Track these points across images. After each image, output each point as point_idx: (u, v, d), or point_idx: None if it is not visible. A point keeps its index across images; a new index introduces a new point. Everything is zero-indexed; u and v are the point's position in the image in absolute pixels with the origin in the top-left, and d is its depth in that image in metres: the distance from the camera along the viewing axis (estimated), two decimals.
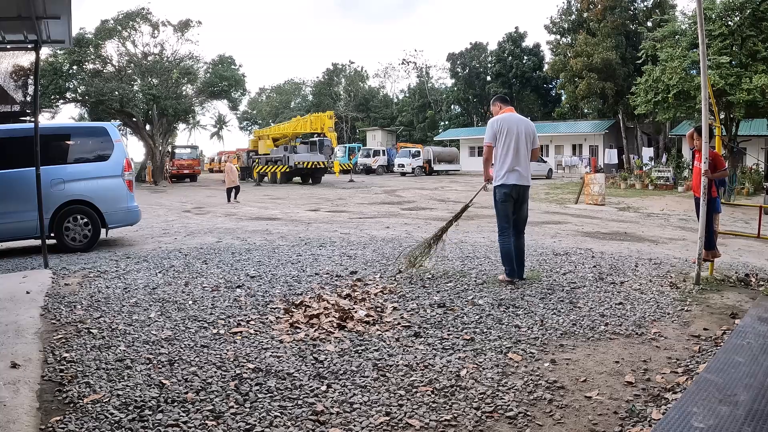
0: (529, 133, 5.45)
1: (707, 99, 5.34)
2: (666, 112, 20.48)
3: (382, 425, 2.66)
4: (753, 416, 2.59)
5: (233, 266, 6.25)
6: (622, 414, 2.75)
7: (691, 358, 3.46)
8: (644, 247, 7.98)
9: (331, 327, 4.04)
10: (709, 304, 4.64)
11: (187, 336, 3.86)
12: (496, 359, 3.46)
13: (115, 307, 4.55)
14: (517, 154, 5.34)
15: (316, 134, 29.38)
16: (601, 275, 5.73)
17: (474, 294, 4.94)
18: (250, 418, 2.71)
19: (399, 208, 15.06)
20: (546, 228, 10.38)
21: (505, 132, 5.37)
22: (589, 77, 32.30)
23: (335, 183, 28.69)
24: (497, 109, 5.65)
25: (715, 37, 17.68)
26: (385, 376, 3.23)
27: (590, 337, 3.87)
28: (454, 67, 53.91)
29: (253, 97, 71.02)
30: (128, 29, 31.86)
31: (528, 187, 5.53)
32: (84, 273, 5.95)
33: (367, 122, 59.12)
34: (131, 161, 9.31)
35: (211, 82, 34.66)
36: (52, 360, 3.40)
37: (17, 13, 5.59)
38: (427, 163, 37.30)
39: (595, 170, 28.88)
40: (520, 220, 5.56)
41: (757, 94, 16.78)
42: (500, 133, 5.39)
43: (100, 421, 2.65)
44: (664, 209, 14.61)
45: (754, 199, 16.76)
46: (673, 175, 22.66)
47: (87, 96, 29.64)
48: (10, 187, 7.38)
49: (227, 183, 17.55)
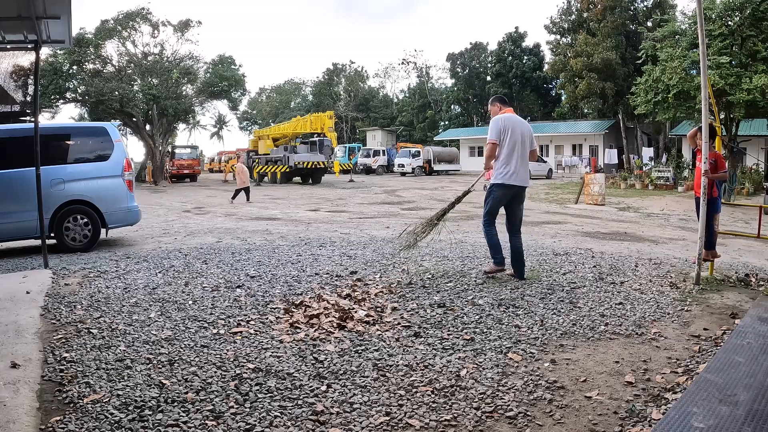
0: (529, 135, 5.53)
1: (707, 99, 5.34)
2: (666, 112, 20.47)
3: (382, 425, 2.66)
4: (753, 416, 2.59)
5: (233, 266, 6.25)
6: (622, 414, 2.75)
7: (691, 358, 3.46)
8: (644, 247, 7.98)
9: (331, 327, 4.04)
10: (709, 304, 4.64)
11: (187, 336, 3.86)
12: (496, 359, 3.46)
13: (115, 307, 4.54)
14: (519, 154, 5.39)
15: (316, 134, 29.38)
16: (601, 275, 5.73)
17: (474, 294, 4.94)
18: (250, 418, 2.71)
19: (399, 208, 15.06)
20: (546, 228, 10.38)
21: (509, 131, 5.40)
22: (589, 77, 32.31)
23: (335, 183, 28.69)
24: (497, 109, 5.67)
25: (715, 37, 17.67)
26: (385, 376, 3.23)
27: (590, 337, 3.87)
28: (454, 67, 53.92)
29: (253, 97, 71.06)
30: (128, 29, 31.85)
31: (524, 188, 5.58)
32: (84, 273, 5.95)
33: (367, 122, 59.12)
34: (131, 161, 9.31)
35: (211, 82, 34.65)
36: (52, 360, 3.39)
37: (17, 13, 5.58)
38: (427, 163, 37.30)
39: (595, 170, 28.88)
40: (516, 220, 5.62)
41: (757, 94, 16.78)
42: (504, 132, 5.41)
43: (100, 421, 2.65)
44: (664, 209, 14.62)
45: (754, 199, 16.76)
46: (673, 175, 22.66)
47: (87, 96, 29.63)
48: (10, 187, 7.38)
49: (238, 183, 17.39)
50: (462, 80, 52.66)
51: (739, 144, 20.76)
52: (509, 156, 5.37)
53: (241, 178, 17.29)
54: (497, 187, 5.45)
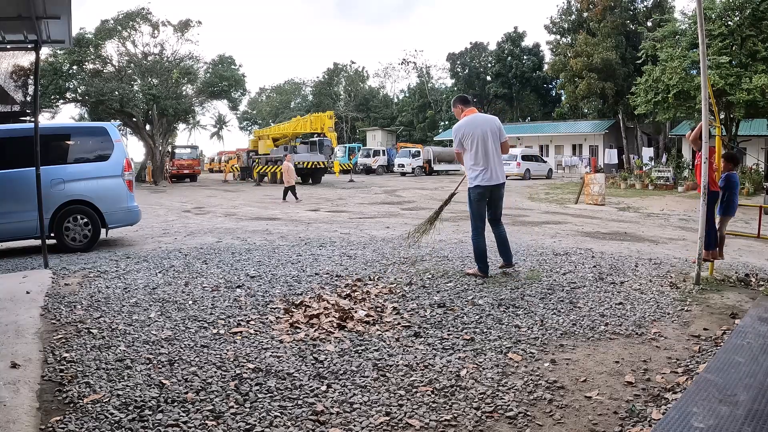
0: (494, 130, 5.54)
1: (707, 99, 5.34)
2: (666, 112, 20.49)
3: (382, 425, 2.66)
4: (753, 416, 2.59)
5: (233, 266, 6.25)
6: (622, 414, 2.75)
7: (691, 358, 3.46)
8: (644, 247, 7.98)
9: (331, 327, 4.04)
10: (709, 304, 4.64)
11: (187, 336, 3.86)
12: (496, 359, 3.46)
13: (115, 307, 4.54)
14: (486, 155, 5.45)
15: (316, 134, 29.38)
16: (601, 275, 5.73)
17: (474, 294, 4.94)
18: (250, 418, 2.71)
19: (399, 208, 15.06)
20: (546, 228, 10.38)
21: (469, 136, 5.48)
22: (589, 77, 32.30)
23: (335, 183, 28.69)
24: (459, 111, 5.76)
25: (715, 37, 17.68)
26: (385, 376, 3.23)
27: (590, 337, 3.87)
28: (454, 67, 53.93)
29: (253, 97, 71.04)
30: (128, 29, 31.86)
31: (502, 184, 5.63)
32: (84, 273, 5.95)
33: (367, 122, 59.11)
34: (131, 161, 9.31)
35: (211, 82, 34.65)
36: (52, 360, 3.39)
37: (17, 13, 5.58)
38: (427, 163, 37.27)
39: (595, 170, 28.89)
40: (496, 214, 5.72)
41: (757, 94, 16.79)
42: (465, 138, 5.50)
43: (100, 421, 2.65)
44: (664, 209, 14.62)
45: (754, 199, 16.75)
46: (673, 175, 22.66)
47: (87, 96, 29.63)
48: (10, 188, 7.38)
49: (285, 182, 17.69)
50: (462, 80, 52.64)
51: (739, 144, 20.77)
52: (477, 158, 5.45)
53: (288, 176, 17.60)
54: (474, 190, 5.54)
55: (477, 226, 5.58)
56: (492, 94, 49.79)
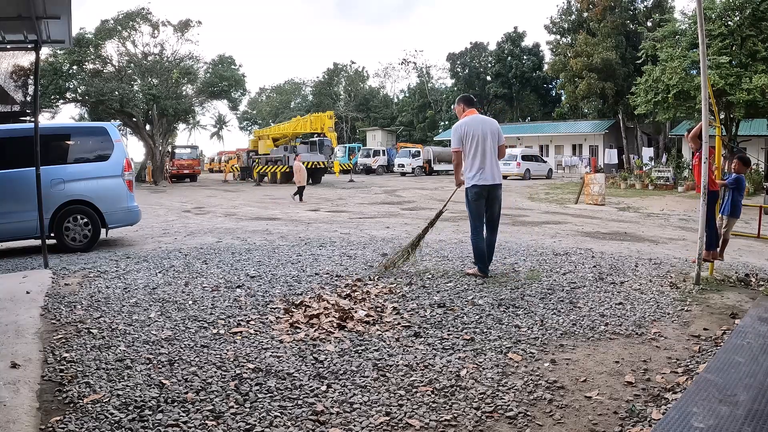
0: (493, 132, 5.60)
1: (707, 99, 5.34)
2: (666, 112, 20.48)
3: (382, 425, 2.66)
4: (753, 416, 2.59)
5: (233, 266, 6.25)
6: (622, 414, 2.75)
7: (691, 358, 3.46)
8: (644, 247, 7.98)
9: (331, 327, 4.04)
10: (709, 304, 4.64)
11: (187, 336, 3.86)
12: (496, 359, 3.46)
13: (115, 307, 4.54)
14: (484, 155, 5.49)
15: (316, 134, 29.38)
16: (601, 275, 5.73)
17: (474, 294, 4.94)
18: (250, 418, 2.71)
19: (399, 208, 15.06)
20: (546, 228, 10.38)
21: (470, 136, 5.52)
22: (589, 77, 32.30)
23: (335, 183, 28.69)
24: (461, 110, 5.80)
25: (715, 37, 17.68)
26: (385, 376, 3.23)
27: (590, 337, 3.87)
28: (454, 67, 53.90)
29: (253, 97, 71.01)
30: (128, 29, 31.85)
31: (499, 185, 5.66)
32: (84, 273, 5.95)
33: (367, 122, 59.09)
34: (131, 161, 9.31)
35: (211, 82, 34.65)
36: (52, 360, 3.39)
37: (17, 13, 5.58)
38: (427, 163, 37.27)
39: (595, 170, 28.88)
40: (493, 217, 5.71)
41: (757, 94, 16.78)
42: (465, 137, 5.54)
43: (100, 421, 2.65)
44: (664, 209, 14.62)
45: (754, 199, 16.75)
46: (673, 175, 22.66)
47: (87, 96, 29.62)
48: (10, 188, 7.37)
49: (297, 182, 17.76)
50: (462, 80, 52.62)
51: (739, 144, 20.76)
52: (475, 158, 5.49)
53: (299, 176, 17.66)
54: (471, 190, 5.56)
55: (476, 226, 5.60)
56: (492, 94, 49.78)
